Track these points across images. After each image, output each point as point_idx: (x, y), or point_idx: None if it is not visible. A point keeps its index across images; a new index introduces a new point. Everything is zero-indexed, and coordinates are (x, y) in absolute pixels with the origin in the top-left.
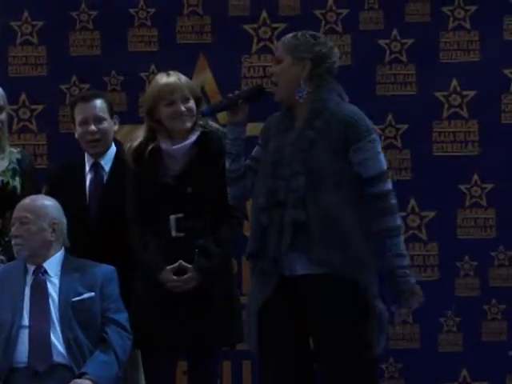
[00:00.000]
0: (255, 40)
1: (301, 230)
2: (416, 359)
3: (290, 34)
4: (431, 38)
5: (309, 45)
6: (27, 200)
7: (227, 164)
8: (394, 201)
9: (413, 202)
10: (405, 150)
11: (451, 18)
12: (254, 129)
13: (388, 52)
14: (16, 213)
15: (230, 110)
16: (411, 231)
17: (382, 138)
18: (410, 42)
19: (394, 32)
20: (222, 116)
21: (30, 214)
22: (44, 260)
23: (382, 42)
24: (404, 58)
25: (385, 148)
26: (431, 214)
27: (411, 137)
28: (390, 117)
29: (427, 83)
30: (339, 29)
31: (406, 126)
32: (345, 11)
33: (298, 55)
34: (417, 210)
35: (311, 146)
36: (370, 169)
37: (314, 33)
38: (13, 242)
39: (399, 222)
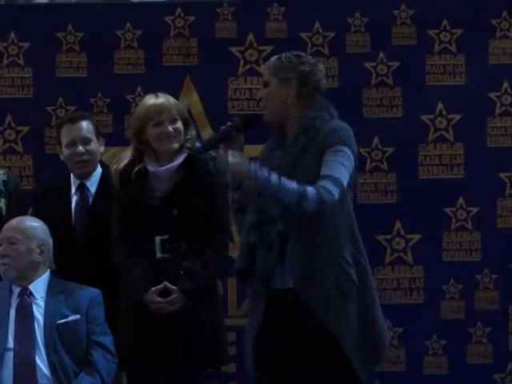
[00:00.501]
0: (242, 62)
1: (287, 243)
2: (402, 382)
3: (275, 57)
4: (417, 61)
5: (293, 65)
6: (14, 221)
7: (230, 195)
8: (319, 202)
9: (398, 224)
10: (391, 172)
11: (437, 42)
12: (252, 151)
13: (374, 75)
14: (4, 233)
15: (225, 141)
16: (397, 254)
17: (368, 160)
18: (396, 64)
19: (381, 55)
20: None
21: (18, 235)
22: (30, 282)
23: (368, 64)
24: (390, 81)
25: (371, 171)
26: (417, 237)
27: (397, 160)
28: (376, 140)
29: (413, 106)
30: (326, 51)
31: (392, 149)
32: (331, 34)
33: (283, 76)
34: (402, 232)
35: (296, 162)
36: (324, 170)
37: (297, 52)
38: (0, 262)
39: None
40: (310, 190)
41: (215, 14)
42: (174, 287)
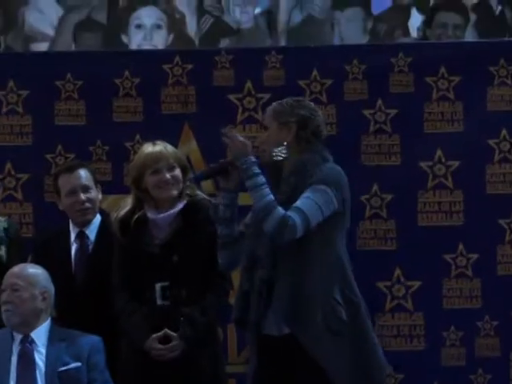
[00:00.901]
0: (240, 110)
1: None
2: None
3: (277, 102)
4: (415, 108)
5: (293, 109)
6: (17, 268)
7: (219, 229)
8: (281, 225)
9: (398, 271)
10: (390, 219)
11: (435, 89)
12: (245, 198)
13: (373, 122)
14: (7, 280)
15: (221, 175)
16: (397, 301)
17: (368, 207)
18: (394, 112)
19: (379, 102)
20: (208, 185)
21: (21, 281)
22: (32, 329)
23: (366, 112)
24: (388, 129)
25: (370, 218)
26: (417, 284)
27: (396, 207)
28: (375, 187)
29: (412, 153)
30: (324, 99)
31: (391, 196)
32: (329, 81)
33: (282, 120)
34: (402, 279)
35: (286, 201)
36: (296, 203)
37: (298, 98)
38: (3, 309)
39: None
40: (280, 210)
41: (213, 62)
42: (174, 334)
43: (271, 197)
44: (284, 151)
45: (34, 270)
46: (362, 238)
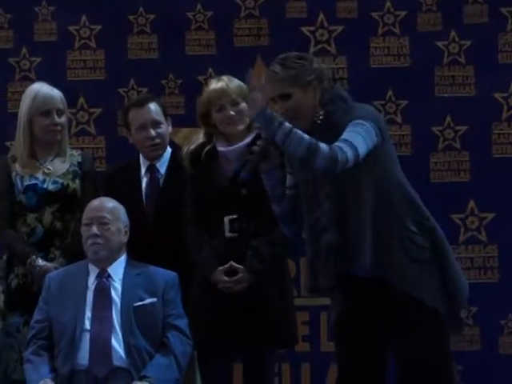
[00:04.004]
0: (312, 42)
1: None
2: (477, 361)
3: (277, 67)
4: (490, 39)
5: (306, 68)
6: (98, 202)
7: (275, 208)
8: (332, 159)
9: (472, 203)
10: (464, 151)
11: (510, 19)
12: None
13: (446, 53)
14: (91, 213)
15: (264, 161)
16: (470, 233)
17: (441, 139)
18: (468, 43)
19: (453, 33)
20: None
21: (109, 215)
22: (110, 263)
23: (440, 43)
24: (462, 60)
25: (444, 150)
26: (491, 216)
27: (470, 138)
28: (448, 118)
29: (486, 85)
30: (397, 31)
31: (464, 128)
32: (402, 13)
33: (303, 82)
34: (476, 211)
35: None
36: (341, 136)
37: (294, 54)
38: (90, 242)
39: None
40: (323, 145)
41: None
42: (241, 266)
43: (307, 137)
44: (321, 112)
45: (116, 204)
46: (436, 170)
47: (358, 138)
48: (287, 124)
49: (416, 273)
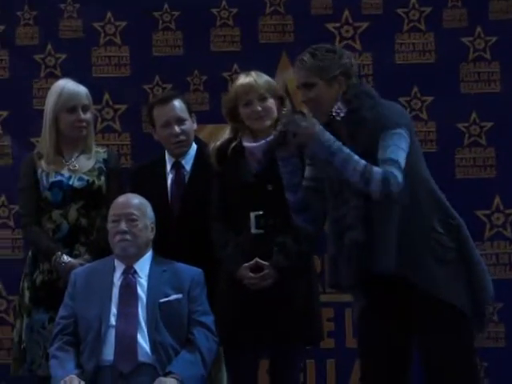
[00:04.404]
0: (338, 39)
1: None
2: (502, 358)
3: (306, 56)
4: None
5: (334, 61)
6: (124, 198)
7: (289, 196)
8: (385, 184)
9: (497, 199)
10: (489, 147)
11: None
12: None
13: (472, 50)
14: (118, 209)
15: (283, 146)
16: (496, 229)
17: (467, 135)
18: (493, 39)
19: (478, 29)
20: None
21: (136, 211)
22: (136, 260)
23: (465, 39)
24: (488, 56)
25: (469, 146)
26: None
27: (496, 135)
28: (474, 115)
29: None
30: (422, 27)
31: (490, 124)
32: (428, 9)
33: (329, 76)
34: (501, 207)
35: (364, 154)
36: (383, 154)
37: (326, 46)
38: (118, 239)
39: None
40: (376, 170)
41: None
42: (266, 263)
43: (362, 161)
44: (341, 107)
45: (142, 201)
46: (461, 166)
47: (400, 154)
48: (345, 148)
49: (442, 275)
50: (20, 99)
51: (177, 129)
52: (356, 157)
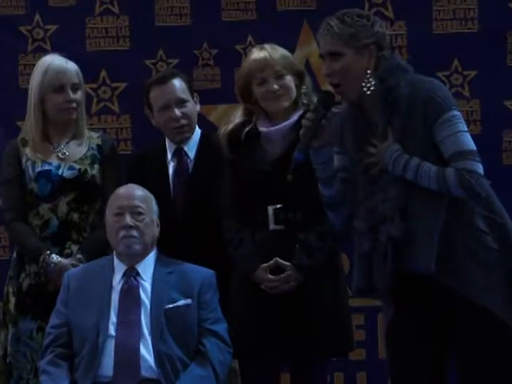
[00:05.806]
0: (367, 5)
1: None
2: None
3: (334, 22)
4: None
5: (366, 28)
6: (126, 188)
7: (323, 191)
8: (476, 187)
9: None
10: None
11: None
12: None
13: None
14: (121, 201)
15: (318, 136)
16: None
17: None
18: None
19: None
20: None
21: (142, 204)
22: (140, 260)
23: None
24: None
25: None
26: None
27: None
28: None
29: None
30: None
31: None
32: None
33: (360, 44)
34: None
35: (402, 137)
36: (450, 148)
37: (358, 12)
38: (122, 234)
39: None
40: (449, 172)
41: None
42: (288, 263)
43: (434, 168)
44: (372, 81)
45: (146, 193)
46: (509, 151)
47: (469, 140)
48: (413, 159)
49: (483, 280)
50: (4, 77)
51: (177, 112)
52: (426, 165)
